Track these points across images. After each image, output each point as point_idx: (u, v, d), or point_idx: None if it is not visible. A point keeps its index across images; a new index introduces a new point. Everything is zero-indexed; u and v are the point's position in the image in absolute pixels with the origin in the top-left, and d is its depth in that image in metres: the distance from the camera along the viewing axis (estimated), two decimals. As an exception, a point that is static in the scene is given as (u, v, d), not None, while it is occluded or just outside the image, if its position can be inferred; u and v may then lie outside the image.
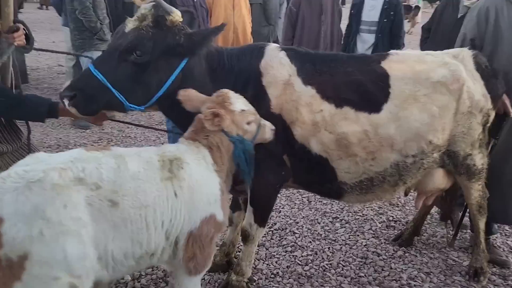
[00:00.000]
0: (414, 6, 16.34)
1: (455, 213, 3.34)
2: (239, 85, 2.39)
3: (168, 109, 2.42)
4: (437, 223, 3.68)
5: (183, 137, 2.19)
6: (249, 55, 2.50)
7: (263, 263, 3.06)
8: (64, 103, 2.15)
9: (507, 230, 3.62)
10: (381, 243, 3.38)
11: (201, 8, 4.46)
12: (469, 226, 3.29)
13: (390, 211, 3.94)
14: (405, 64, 2.56)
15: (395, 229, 3.62)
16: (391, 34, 4.60)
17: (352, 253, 3.23)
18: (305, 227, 3.58)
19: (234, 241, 2.99)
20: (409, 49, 3.59)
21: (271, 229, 3.51)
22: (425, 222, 3.50)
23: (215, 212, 2.04)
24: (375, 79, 2.49)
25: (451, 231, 3.25)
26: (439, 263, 3.12)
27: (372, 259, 3.15)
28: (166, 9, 2.16)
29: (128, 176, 1.82)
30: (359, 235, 3.49)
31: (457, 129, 2.57)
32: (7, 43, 2.30)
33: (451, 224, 3.30)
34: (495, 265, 3.09)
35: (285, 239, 3.39)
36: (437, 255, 3.22)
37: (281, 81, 2.41)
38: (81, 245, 1.66)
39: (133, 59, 2.14)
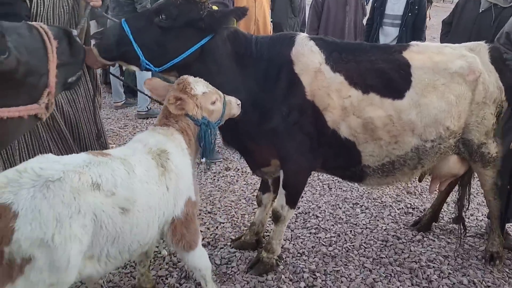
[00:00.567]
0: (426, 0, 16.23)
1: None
2: (271, 73, 2.52)
3: None
4: (453, 211, 3.83)
5: (154, 125, 2.26)
6: (279, 44, 2.62)
7: (289, 243, 3.24)
8: (91, 42, 2.33)
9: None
10: (400, 228, 3.55)
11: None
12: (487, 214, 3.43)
13: (407, 198, 4.10)
14: (425, 54, 2.69)
15: (413, 215, 3.78)
16: (414, 28, 4.69)
17: (373, 236, 3.40)
18: (327, 212, 3.76)
19: (263, 220, 3.17)
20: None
21: (295, 213, 3.68)
22: (442, 209, 3.65)
23: (191, 193, 2.14)
24: (397, 68, 2.62)
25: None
26: (456, 247, 3.29)
27: (392, 242, 3.32)
28: None
29: (137, 181, 1.85)
30: (379, 220, 3.66)
31: (471, 118, 2.71)
32: (85, 4, 2.36)
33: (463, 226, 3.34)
34: (510, 251, 3.25)
35: (309, 221, 3.57)
36: (454, 240, 3.38)
37: (313, 69, 2.53)
38: (79, 254, 1.64)
39: (158, 21, 2.30)
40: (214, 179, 4.33)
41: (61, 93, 2.24)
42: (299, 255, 3.12)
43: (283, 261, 3.01)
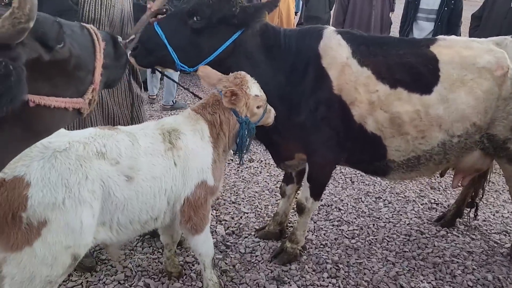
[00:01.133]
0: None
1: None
2: (299, 66, 2.55)
3: None
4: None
5: (190, 108, 2.36)
6: (308, 37, 2.64)
7: (312, 234, 3.29)
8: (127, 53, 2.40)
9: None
10: (424, 223, 3.55)
11: None
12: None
13: (431, 194, 4.08)
14: (453, 49, 2.67)
15: (436, 211, 3.77)
16: (449, 23, 4.59)
17: (396, 230, 3.41)
18: (350, 205, 3.79)
19: (286, 211, 3.22)
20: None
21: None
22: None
23: (207, 178, 2.22)
24: (425, 62, 2.61)
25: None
26: (481, 244, 3.27)
27: (415, 236, 3.34)
28: None
29: (141, 151, 1.98)
30: (402, 215, 3.67)
31: (497, 113, 2.67)
32: (145, 19, 2.40)
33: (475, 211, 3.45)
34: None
35: (332, 214, 3.61)
36: (478, 236, 3.37)
37: (340, 63, 2.54)
38: (91, 218, 1.79)
39: (192, 22, 2.35)
40: (238, 170, 4.41)
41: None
42: (322, 246, 3.17)
43: (306, 252, 3.06)
